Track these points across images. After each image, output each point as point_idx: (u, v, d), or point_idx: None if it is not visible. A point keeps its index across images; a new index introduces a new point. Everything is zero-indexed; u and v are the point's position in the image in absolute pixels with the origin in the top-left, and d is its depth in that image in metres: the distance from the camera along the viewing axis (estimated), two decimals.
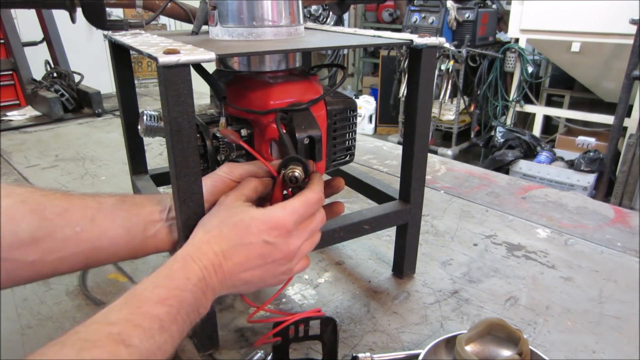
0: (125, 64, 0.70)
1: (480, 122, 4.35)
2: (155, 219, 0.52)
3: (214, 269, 0.45)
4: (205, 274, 0.44)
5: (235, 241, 0.46)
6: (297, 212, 0.48)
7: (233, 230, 0.47)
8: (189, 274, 0.44)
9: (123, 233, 0.49)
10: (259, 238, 0.47)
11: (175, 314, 0.41)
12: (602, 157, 3.11)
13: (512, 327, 0.52)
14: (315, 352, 0.57)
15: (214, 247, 0.46)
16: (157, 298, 0.41)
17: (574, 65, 3.68)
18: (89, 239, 0.48)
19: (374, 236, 0.84)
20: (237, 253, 0.46)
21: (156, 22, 0.77)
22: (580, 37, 3.32)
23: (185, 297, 0.42)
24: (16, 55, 1.82)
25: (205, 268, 0.44)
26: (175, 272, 0.44)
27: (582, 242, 0.84)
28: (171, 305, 0.41)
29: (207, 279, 0.44)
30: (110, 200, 0.51)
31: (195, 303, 0.43)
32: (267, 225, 0.47)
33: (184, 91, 0.44)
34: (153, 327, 0.38)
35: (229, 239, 0.46)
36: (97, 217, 0.48)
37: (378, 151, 1.34)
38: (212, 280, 0.45)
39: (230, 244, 0.46)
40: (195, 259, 0.45)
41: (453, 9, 3.86)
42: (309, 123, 0.56)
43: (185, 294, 0.42)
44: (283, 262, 0.49)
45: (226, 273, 0.46)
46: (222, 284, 0.46)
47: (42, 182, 1.10)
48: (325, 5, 0.87)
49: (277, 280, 0.51)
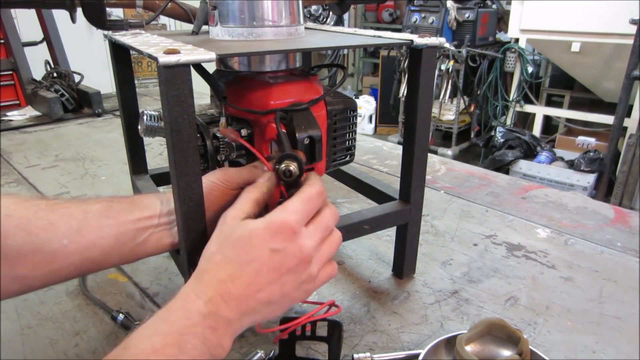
0: (125, 64, 0.70)
1: (480, 122, 4.36)
2: (144, 225, 0.50)
3: (222, 299, 0.40)
4: (212, 307, 0.40)
5: (239, 260, 0.42)
6: (299, 210, 0.44)
7: (235, 250, 0.43)
8: (190, 313, 0.39)
9: (112, 242, 0.48)
10: (265, 249, 0.42)
11: None
12: (602, 157, 3.11)
13: (512, 327, 0.52)
14: (315, 352, 0.57)
15: (217, 274, 0.42)
16: (151, 349, 0.36)
17: (574, 65, 3.69)
18: (78, 250, 0.46)
19: (374, 236, 0.84)
20: (245, 272, 0.42)
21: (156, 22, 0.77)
22: (580, 37, 3.33)
23: (186, 342, 0.37)
24: (16, 55, 1.82)
25: (210, 301, 0.40)
26: (174, 313, 0.39)
27: (582, 242, 0.84)
28: (168, 354, 0.36)
29: (215, 313, 0.40)
30: (95, 207, 0.49)
31: (204, 345, 0.38)
32: (269, 232, 0.42)
33: (184, 91, 0.44)
34: None
35: (232, 261, 0.42)
36: (83, 228, 0.47)
37: (378, 151, 1.34)
38: (224, 312, 0.40)
39: (235, 265, 0.42)
40: (199, 293, 0.40)
41: (453, 9, 3.86)
42: (309, 123, 0.56)
43: (186, 337, 0.38)
44: (301, 269, 0.44)
45: (239, 299, 0.41)
46: (238, 313, 0.41)
47: (42, 182, 1.10)
48: (325, 5, 0.87)
49: (302, 293, 0.45)
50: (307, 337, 0.55)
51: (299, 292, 0.45)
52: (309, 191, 0.46)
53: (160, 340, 0.37)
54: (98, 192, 1.05)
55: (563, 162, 3.34)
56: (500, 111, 4.16)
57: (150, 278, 0.72)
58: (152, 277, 0.72)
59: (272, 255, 0.42)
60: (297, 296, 0.45)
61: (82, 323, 0.63)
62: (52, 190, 1.06)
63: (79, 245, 0.46)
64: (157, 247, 0.51)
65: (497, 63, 4.02)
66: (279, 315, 0.46)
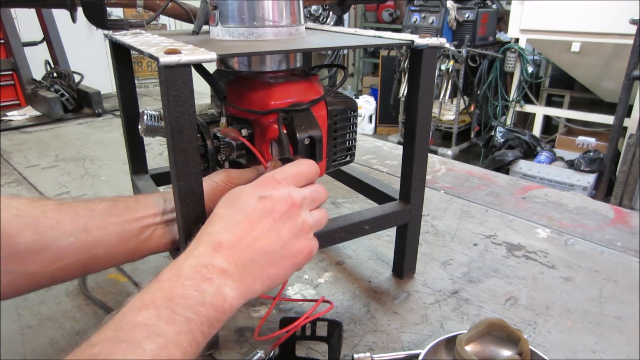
0: (125, 64, 0.70)
1: (480, 122, 4.36)
2: (148, 223, 0.51)
3: (213, 249, 0.40)
4: (204, 259, 0.39)
5: (231, 212, 0.43)
6: (287, 172, 0.47)
7: (225, 207, 0.44)
8: (180, 269, 0.39)
9: (117, 240, 0.49)
10: (254, 197, 0.43)
11: (168, 315, 0.35)
12: (602, 157, 3.11)
13: (512, 327, 0.52)
14: (315, 352, 0.57)
15: (209, 229, 0.42)
16: (141, 304, 0.36)
17: (574, 65, 3.69)
18: (84, 248, 0.48)
19: (374, 236, 0.84)
20: (237, 221, 0.42)
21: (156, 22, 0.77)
22: (580, 37, 3.33)
23: (176, 293, 0.36)
24: (16, 55, 1.82)
25: (202, 254, 0.40)
26: (164, 274, 0.39)
27: (582, 242, 0.84)
28: (158, 307, 0.35)
29: (208, 264, 0.39)
30: (101, 206, 0.50)
31: (199, 294, 0.37)
32: (255, 184, 0.45)
33: (184, 91, 0.44)
34: (138, 337, 0.33)
35: (223, 215, 0.43)
36: (89, 226, 0.48)
37: (378, 151, 1.34)
38: (217, 262, 0.39)
39: (227, 217, 0.42)
40: (188, 253, 0.40)
41: (453, 9, 3.86)
42: (309, 123, 0.56)
43: (176, 289, 0.37)
44: (293, 214, 0.44)
45: (233, 247, 0.40)
46: (234, 262, 0.40)
47: (42, 182, 1.10)
48: (326, 5, 0.87)
49: (303, 243, 0.45)
50: (307, 337, 0.55)
51: (297, 240, 0.44)
52: (299, 162, 0.49)
53: (149, 296, 0.36)
54: (98, 192, 1.05)
55: (563, 162, 3.34)
56: (500, 111, 4.16)
57: (150, 278, 0.71)
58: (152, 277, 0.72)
59: (261, 201, 0.43)
60: (297, 245, 0.44)
61: (82, 323, 0.63)
62: (52, 190, 1.06)
63: (86, 242, 0.48)
64: (160, 245, 0.53)
65: (497, 63, 4.02)
66: (286, 276, 0.44)
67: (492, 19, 4.14)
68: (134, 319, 0.35)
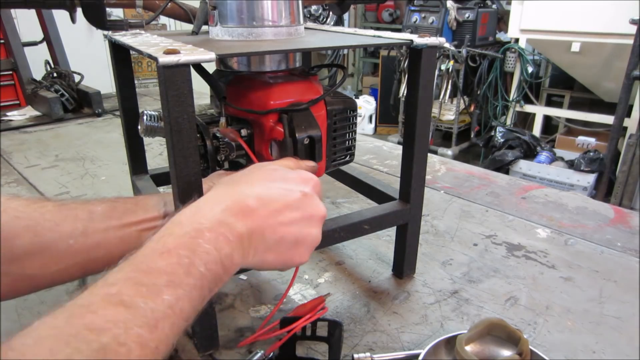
0: (125, 64, 0.70)
1: (480, 122, 4.36)
2: (147, 227, 0.51)
3: (241, 211, 0.40)
4: (228, 217, 0.39)
5: (272, 185, 0.44)
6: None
7: (267, 177, 0.45)
8: (204, 214, 0.38)
9: (117, 242, 0.49)
10: (298, 187, 0.45)
11: (188, 264, 0.34)
12: (602, 157, 3.11)
13: (512, 327, 0.52)
14: (315, 352, 0.57)
15: (243, 187, 0.43)
16: (163, 248, 0.35)
17: (574, 65, 3.69)
18: (84, 250, 0.48)
19: (374, 236, 0.84)
20: (275, 197, 0.42)
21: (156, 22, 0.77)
22: (580, 37, 3.32)
23: (199, 245, 0.36)
24: (16, 55, 1.82)
25: (229, 209, 0.39)
26: (187, 218, 0.38)
27: (582, 242, 0.84)
28: (180, 255, 0.35)
29: (231, 223, 0.39)
30: (100, 208, 0.50)
31: (217, 252, 0.37)
32: (303, 178, 0.47)
33: (184, 91, 0.44)
34: (158, 283, 0.33)
35: (262, 183, 0.44)
36: (89, 229, 0.48)
37: (378, 151, 1.34)
38: (240, 226, 0.39)
39: (266, 188, 0.43)
40: (215, 198, 0.41)
41: (453, 9, 3.86)
42: (309, 123, 0.56)
43: (198, 241, 0.36)
44: (318, 223, 0.46)
45: (259, 219, 0.41)
46: (253, 233, 0.40)
47: (42, 182, 1.10)
48: (325, 5, 0.87)
49: (306, 256, 0.46)
50: (307, 337, 0.55)
51: (306, 251, 0.45)
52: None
53: (173, 241, 0.36)
54: (98, 192, 1.05)
55: (563, 162, 3.34)
56: (500, 111, 4.15)
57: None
58: None
59: (304, 197, 0.44)
60: (303, 256, 0.45)
61: None
62: (52, 190, 1.06)
63: (85, 245, 0.48)
64: None
65: (497, 63, 4.02)
66: (276, 268, 0.45)
67: (492, 19, 4.14)
68: (155, 264, 0.34)
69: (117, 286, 0.32)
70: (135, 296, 0.31)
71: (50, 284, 0.48)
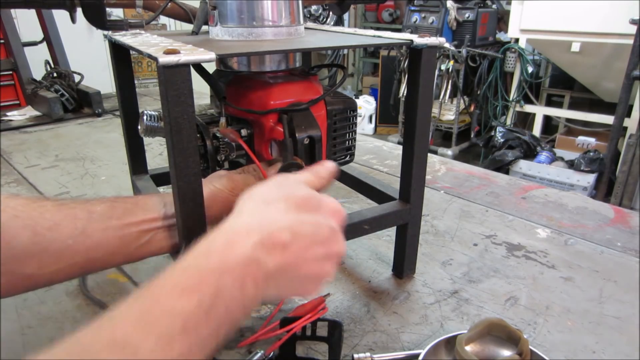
0: (125, 64, 0.70)
1: (480, 122, 4.36)
2: (148, 227, 0.51)
3: (272, 244, 0.36)
4: (258, 251, 0.35)
5: (306, 217, 0.39)
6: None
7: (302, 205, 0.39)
8: (233, 253, 0.34)
9: (116, 242, 0.49)
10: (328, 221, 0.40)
11: (208, 307, 0.31)
12: (602, 157, 3.11)
13: (512, 327, 0.52)
14: (315, 352, 0.57)
15: (275, 214, 0.38)
16: (185, 284, 0.32)
17: (574, 65, 3.68)
18: (82, 250, 0.47)
19: (374, 236, 0.84)
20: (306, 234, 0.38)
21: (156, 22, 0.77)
22: (580, 37, 3.32)
23: (225, 284, 0.32)
24: (16, 55, 1.82)
25: (262, 242, 0.35)
26: (216, 250, 0.35)
27: (582, 242, 0.84)
28: (203, 293, 0.31)
29: (260, 258, 0.35)
30: (100, 208, 0.50)
31: (241, 293, 0.33)
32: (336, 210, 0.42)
33: (184, 91, 0.44)
34: (172, 331, 0.30)
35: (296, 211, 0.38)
36: (88, 229, 0.48)
37: (378, 151, 1.34)
38: (270, 261, 0.35)
39: (299, 219, 0.38)
40: (249, 231, 0.36)
41: (453, 9, 3.86)
42: (309, 123, 0.56)
43: (226, 278, 0.33)
44: (337, 261, 0.41)
45: (289, 255, 0.36)
46: (279, 270, 0.36)
47: (42, 182, 1.10)
48: (325, 5, 0.87)
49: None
50: (308, 337, 0.55)
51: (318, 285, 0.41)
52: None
53: (197, 277, 0.33)
54: (98, 192, 1.05)
55: (563, 162, 3.34)
56: (500, 111, 4.15)
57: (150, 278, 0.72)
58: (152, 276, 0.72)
59: (332, 233, 0.40)
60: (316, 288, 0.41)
61: (82, 323, 0.62)
62: (52, 190, 1.06)
63: (84, 245, 0.47)
64: (161, 248, 0.53)
65: (497, 63, 4.02)
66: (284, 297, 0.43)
67: (492, 19, 4.13)
68: (171, 305, 0.31)
69: (121, 329, 0.30)
70: (141, 345, 0.29)
71: (49, 283, 0.49)
